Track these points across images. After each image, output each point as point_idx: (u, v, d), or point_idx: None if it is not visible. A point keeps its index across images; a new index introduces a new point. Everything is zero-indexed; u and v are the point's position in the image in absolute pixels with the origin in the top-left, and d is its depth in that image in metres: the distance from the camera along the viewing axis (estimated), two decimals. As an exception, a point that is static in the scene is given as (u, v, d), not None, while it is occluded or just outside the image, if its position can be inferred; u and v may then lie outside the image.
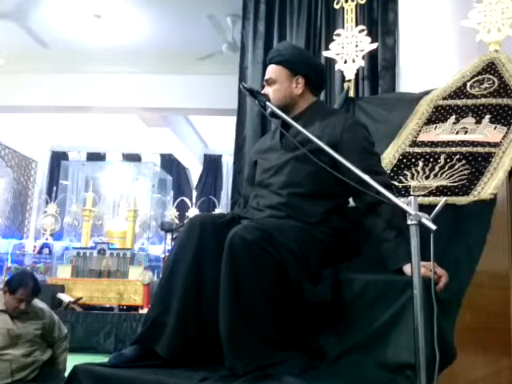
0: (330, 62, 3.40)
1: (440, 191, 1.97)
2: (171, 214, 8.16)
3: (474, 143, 2.18)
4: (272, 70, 1.94)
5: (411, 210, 1.34)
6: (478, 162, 2.07)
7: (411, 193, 2.01)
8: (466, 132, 2.27)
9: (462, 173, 2.03)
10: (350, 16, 3.25)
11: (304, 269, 1.62)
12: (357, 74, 3.23)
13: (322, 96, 3.71)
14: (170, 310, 1.69)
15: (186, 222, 1.85)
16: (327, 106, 2.89)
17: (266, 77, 1.95)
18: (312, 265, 1.66)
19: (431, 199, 1.93)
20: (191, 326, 1.67)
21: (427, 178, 2.09)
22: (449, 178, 2.03)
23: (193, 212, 7.53)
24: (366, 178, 1.52)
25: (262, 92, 1.93)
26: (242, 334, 1.56)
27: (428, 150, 2.24)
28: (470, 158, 2.10)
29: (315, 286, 1.62)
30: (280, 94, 1.91)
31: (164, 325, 1.68)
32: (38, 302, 3.10)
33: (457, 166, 2.07)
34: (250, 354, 1.54)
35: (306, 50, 3.28)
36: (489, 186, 1.88)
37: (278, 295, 1.58)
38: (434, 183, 2.03)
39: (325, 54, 3.33)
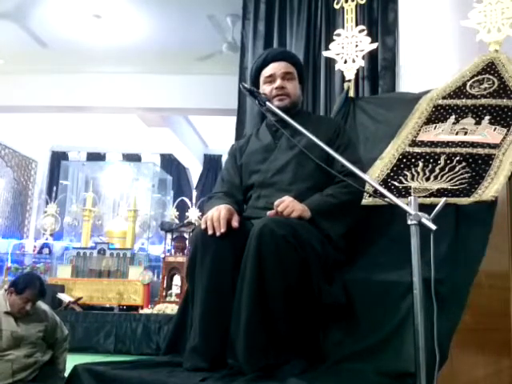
0: (330, 61, 3.40)
1: (441, 193, 1.96)
2: (171, 213, 8.15)
3: (473, 144, 2.17)
4: (289, 67, 2.04)
5: (411, 209, 1.32)
6: (478, 164, 2.06)
7: (411, 194, 2.01)
8: (465, 133, 2.26)
9: (462, 176, 2.02)
10: (349, 16, 3.25)
11: (322, 268, 1.64)
12: (357, 74, 3.23)
13: (323, 96, 3.72)
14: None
15: (196, 241, 1.73)
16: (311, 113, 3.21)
17: (286, 70, 2.02)
18: (328, 264, 1.68)
19: (432, 199, 1.93)
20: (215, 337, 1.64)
21: (427, 179, 2.08)
22: (449, 180, 2.02)
23: (193, 212, 7.50)
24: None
25: (278, 84, 1.99)
26: (259, 330, 1.55)
27: (428, 150, 2.23)
28: (470, 160, 2.09)
29: (330, 286, 1.64)
30: (296, 91, 2.06)
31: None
32: (41, 304, 3.11)
33: (457, 169, 2.07)
34: (261, 352, 1.54)
35: None
36: (490, 190, 1.87)
37: (297, 294, 1.58)
38: (434, 186, 2.02)
39: (325, 53, 3.33)
